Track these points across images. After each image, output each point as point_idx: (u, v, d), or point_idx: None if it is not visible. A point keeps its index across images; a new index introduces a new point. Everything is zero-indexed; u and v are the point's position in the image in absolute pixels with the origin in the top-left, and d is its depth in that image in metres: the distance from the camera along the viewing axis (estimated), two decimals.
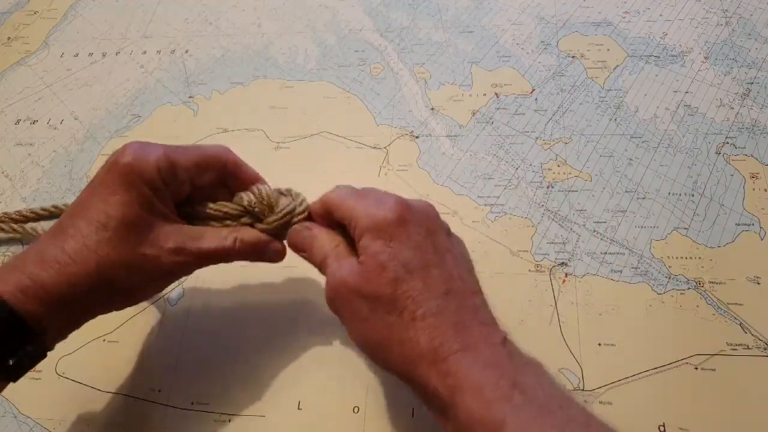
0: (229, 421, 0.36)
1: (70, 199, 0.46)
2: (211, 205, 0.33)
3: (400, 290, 0.27)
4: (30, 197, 0.47)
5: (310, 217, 0.34)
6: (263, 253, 0.34)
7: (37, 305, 0.27)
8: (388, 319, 0.27)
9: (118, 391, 0.37)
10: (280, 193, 0.34)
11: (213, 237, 0.32)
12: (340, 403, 0.36)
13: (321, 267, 0.31)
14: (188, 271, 0.33)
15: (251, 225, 0.33)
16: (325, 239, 0.32)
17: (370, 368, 0.37)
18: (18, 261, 0.28)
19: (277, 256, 0.34)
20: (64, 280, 0.28)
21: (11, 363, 0.27)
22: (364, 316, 0.28)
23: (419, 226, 0.29)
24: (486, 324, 0.28)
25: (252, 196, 0.33)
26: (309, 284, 0.40)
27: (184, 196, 0.33)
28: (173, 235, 0.31)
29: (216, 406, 0.36)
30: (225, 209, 0.33)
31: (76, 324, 0.30)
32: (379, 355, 0.29)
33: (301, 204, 0.34)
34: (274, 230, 0.33)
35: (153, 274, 0.31)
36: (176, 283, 0.41)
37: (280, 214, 0.33)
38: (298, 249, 0.33)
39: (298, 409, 0.36)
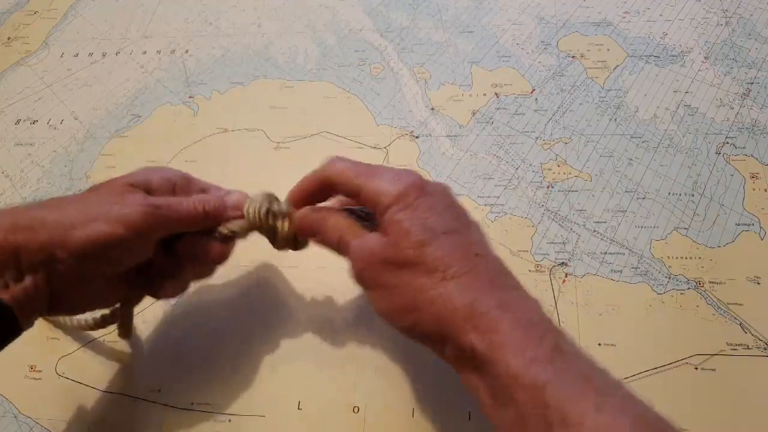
0: (229, 421, 0.36)
1: None
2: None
3: (428, 252, 0.27)
4: (30, 197, 0.47)
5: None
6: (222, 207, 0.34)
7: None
8: (417, 281, 0.28)
9: (118, 391, 0.37)
10: (271, 201, 0.34)
11: (171, 200, 0.32)
12: (340, 403, 0.36)
13: (338, 246, 0.32)
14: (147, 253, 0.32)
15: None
16: (336, 218, 0.32)
17: (370, 368, 0.37)
18: None
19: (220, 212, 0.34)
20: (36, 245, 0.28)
21: None
22: (394, 283, 0.28)
23: (439, 196, 0.30)
24: (519, 288, 0.28)
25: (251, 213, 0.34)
26: (310, 284, 0.40)
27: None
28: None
29: (216, 406, 0.36)
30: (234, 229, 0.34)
31: (49, 303, 0.30)
32: (409, 320, 0.28)
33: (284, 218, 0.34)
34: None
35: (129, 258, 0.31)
36: None
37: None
38: (310, 232, 0.33)
39: (298, 409, 0.36)
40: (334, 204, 0.35)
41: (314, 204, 0.34)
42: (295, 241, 0.34)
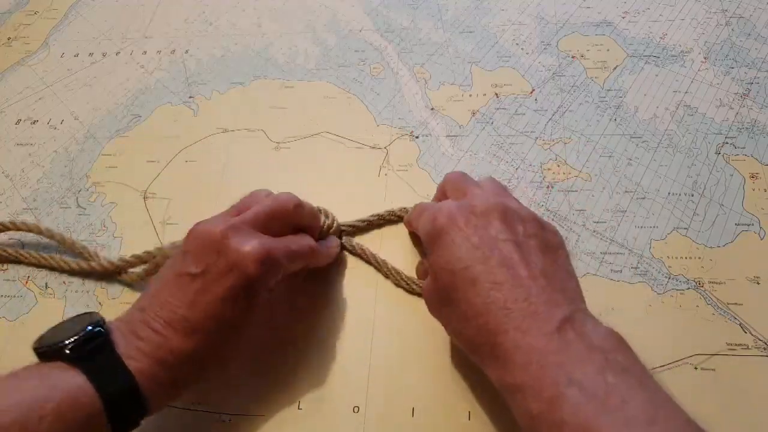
0: (229, 421, 0.36)
1: (71, 200, 0.46)
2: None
3: (452, 295, 0.30)
4: (30, 197, 0.47)
5: (339, 231, 0.41)
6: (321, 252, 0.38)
7: (157, 392, 0.30)
8: (452, 321, 0.31)
9: None
10: (318, 210, 0.40)
11: (290, 241, 0.35)
12: (340, 403, 0.36)
13: None
14: None
15: None
16: (425, 263, 0.37)
17: (370, 368, 0.37)
18: (147, 345, 0.30)
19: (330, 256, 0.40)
20: (186, 376, 0.31)
21: None
22: (442, 321, 0.32)
23: (466, 227, 0.30)
24: (536, 313, 0.27)
25: None
26: (309, 285, 0.40)
27: None
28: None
29: (216, 406, 0.36)
30: None
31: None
32: (464, 350, 0.31)
33: (332, 222, 0.40)
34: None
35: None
36: None
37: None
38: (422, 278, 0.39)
39: (298, 409, 0.36)
40: None
41: None
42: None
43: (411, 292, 0.39)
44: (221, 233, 0.32)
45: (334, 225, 0.40)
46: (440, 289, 0.30)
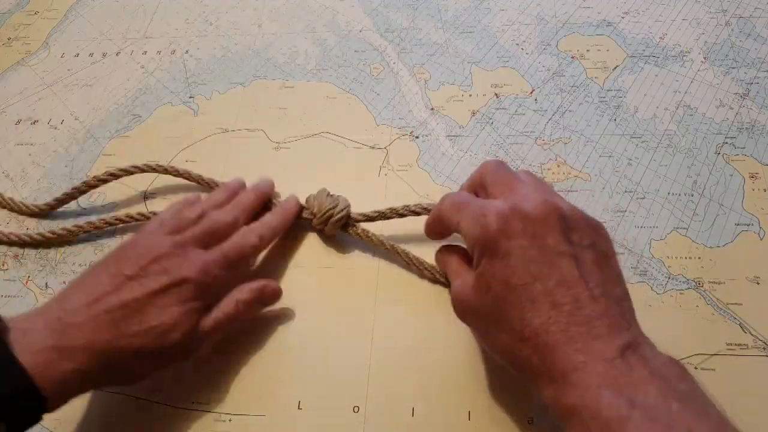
0: (229, 421, 0.36)
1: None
2: None
3: (505, 309, 0.28)
4: (30, 197, 0.47)
5: (348, 219, 0.40)
6: (264, 300, 0.38)
7: (55, 388, 0.29)
8: (500, 336, 0.29)
9: (118, 391, 0.37)
10: (328, 194, 0.41)
11: (219, 310, 0.35)
12: (340, 403, 0.36)
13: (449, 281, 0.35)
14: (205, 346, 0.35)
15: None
16: (453, 258, 0.35)
17: (370, 368, 0.37)
18: (47, 338, 0.30)
19: (275, 298, 0.38)
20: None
21: None
22: (482, 331, 0.31)
23: (523, 236, 0.28)
24: (599, 337, 0.26)
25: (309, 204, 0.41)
26: (309, 285, 0.40)
27: None
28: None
29: (216, 406, 0.36)
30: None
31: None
32: (507, 364, 0.30)
33: (342, 208, 0.40)
34: (320, 227, 0.41)
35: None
36: None
37: (322, 217, 0.40)
38: (442, 269, 0.38)
39: (298, 408, 0.36)
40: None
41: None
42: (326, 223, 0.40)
43: (435, 281, 0.39)
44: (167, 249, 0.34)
45: (344, 212, 0.40)
46: (488, 299, 0.29)
